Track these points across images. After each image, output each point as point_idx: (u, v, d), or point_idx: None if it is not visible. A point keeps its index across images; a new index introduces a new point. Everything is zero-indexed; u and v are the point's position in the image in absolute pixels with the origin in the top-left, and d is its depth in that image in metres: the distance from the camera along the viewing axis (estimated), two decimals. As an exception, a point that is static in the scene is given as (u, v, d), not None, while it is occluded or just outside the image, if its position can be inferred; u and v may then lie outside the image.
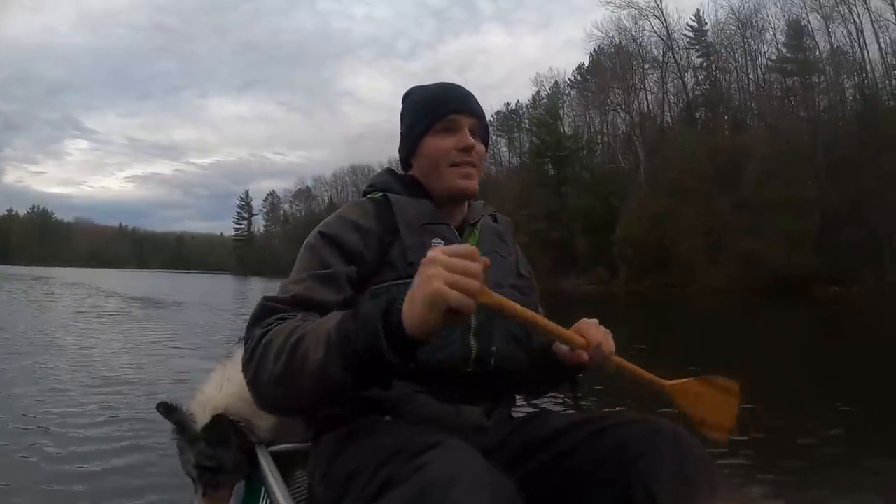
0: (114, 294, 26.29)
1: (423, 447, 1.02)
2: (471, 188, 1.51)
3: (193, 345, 9.83)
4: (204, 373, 2.22)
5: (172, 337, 10.88)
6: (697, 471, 1.04)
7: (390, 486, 1.00)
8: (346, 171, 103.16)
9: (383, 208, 1.46)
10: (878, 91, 42.01)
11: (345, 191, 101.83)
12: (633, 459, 1.10)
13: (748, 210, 36.29)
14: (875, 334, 15.04)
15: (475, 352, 1.36)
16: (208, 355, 7.85)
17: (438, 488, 0.90)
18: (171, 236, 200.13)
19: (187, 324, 13.76)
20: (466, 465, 0.96)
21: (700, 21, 52.22)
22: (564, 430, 1.26)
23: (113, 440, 4.40)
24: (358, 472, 1.13)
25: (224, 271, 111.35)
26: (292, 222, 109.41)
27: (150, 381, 6.57)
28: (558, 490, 1.19)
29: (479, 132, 1.53)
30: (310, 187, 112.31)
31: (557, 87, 62.82)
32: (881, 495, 3.60)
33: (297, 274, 1.35)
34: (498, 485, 0.96)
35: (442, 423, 1.29)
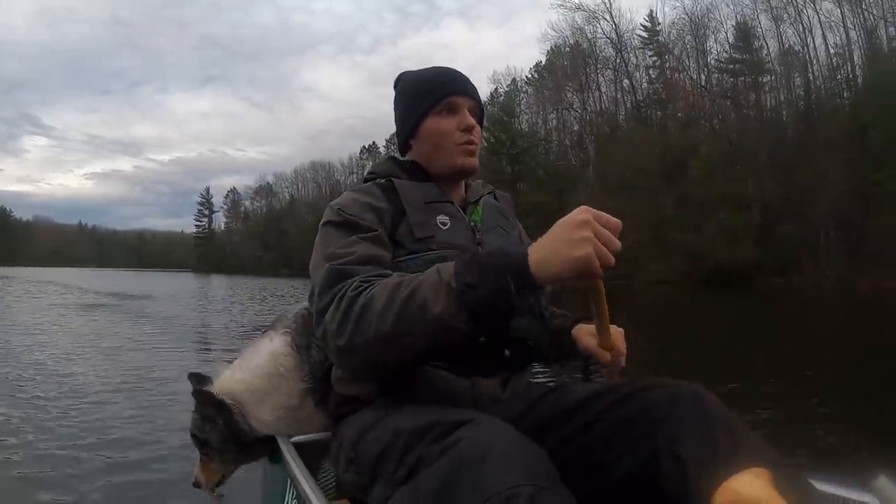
0: (98, 291, 27.11)
1: (453, 425, 1.04)
2: (474, 165, 1.57)
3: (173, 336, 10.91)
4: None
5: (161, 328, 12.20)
6: (721, 430, 1.02)
7: (422, 465, 1.03)
8: (306, 168, 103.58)
9: (389, 192, 1.49)
10: (821, 91, 43.49)
11: (306, 187, 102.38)
12: (657, 424, 1.09)
13: (692, 206, 37.75)
14: (813, 322, 16.11)
15: None
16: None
17: (471, 465, 0.91)
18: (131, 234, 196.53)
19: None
20: (498, 439, 0.96)
21: (653, 21, 53.46)
22: (586, 400, 1.24)
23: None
24: (386, 455, 1.15)
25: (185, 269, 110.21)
26: (253, 219, 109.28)
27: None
28: (583, 461, 1.17)
29: (476, 113, 1.60)
30: (270, 184, 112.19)
31: (515, 85, 63.69)
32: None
33: (337, 244, 1.35)
34: (531, 456, 0.95)
35: (458, 396, 1.31)
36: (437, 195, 1.51)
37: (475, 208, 1.58)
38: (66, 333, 10.92)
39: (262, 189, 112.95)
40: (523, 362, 1.48)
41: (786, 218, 35.39)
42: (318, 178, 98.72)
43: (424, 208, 1.46)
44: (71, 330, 11.54)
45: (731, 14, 47.60)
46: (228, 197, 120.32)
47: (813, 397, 5.92)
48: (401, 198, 1.46)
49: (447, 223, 1.46)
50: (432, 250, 1.38)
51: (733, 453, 0.97)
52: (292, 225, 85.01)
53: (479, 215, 1.56)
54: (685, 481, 0.99)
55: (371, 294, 1.18)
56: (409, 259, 1.37)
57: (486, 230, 1.51)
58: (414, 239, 1.40)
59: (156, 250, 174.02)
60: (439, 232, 1.43)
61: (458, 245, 1.41)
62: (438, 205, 1.49)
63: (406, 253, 1.38)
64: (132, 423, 4.82)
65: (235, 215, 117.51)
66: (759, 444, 1.01)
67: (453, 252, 1.35)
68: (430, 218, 1.45)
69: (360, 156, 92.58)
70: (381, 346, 1.15)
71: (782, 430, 4.87)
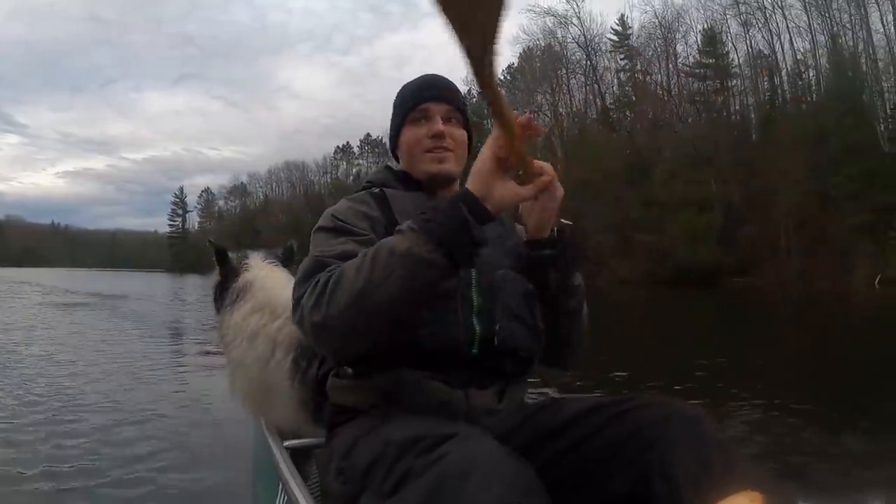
0: (81, 291, 27.21)
1: (440, 439, 1.05)
2: (444, 171, 1.55)
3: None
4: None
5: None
6: (715, 452, 1.03)
7: (408, 479, 1.03)
8: (280, 168, 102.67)
9: (381, 201, 1.51)
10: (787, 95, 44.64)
11: (280, 187, 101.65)
12: (650, 443, 1.09)
13: (656, 207, 38.69)
14: (774, 318, 16.97)
15: (479, 332, 1.36)
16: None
17: (454, 481, 0.92)
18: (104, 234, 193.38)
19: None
20: (482, 455, 0.96)
21: (624, 25, 54.21)
22: (580, 416, 1.24)
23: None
24: (375, 466, 1.15)
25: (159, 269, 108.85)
26: (227, 219, 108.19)
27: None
28: (576, 476, 1.17)
29: (455, 118, 1.58)
30: (244, 184, 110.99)
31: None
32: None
33: (327, 244, 1.39)
34: (515, 473, 0.96)
35: (452, 408, 1.31)
36: (427, 206, 1.46)
37: None
38: (64, 329, 11.84)
39: (237, 189, 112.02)
40: (518, 374, 1.47)
41: (748, 219, 36.53)
42: (292, 178, 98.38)
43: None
44: (70, 325, 12.53)
45: (700, 18, 48.60)
46: (202, 196, 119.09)
47: (771, 392, 6.22)
48: (392, 208, 1.49)
49: None
50: None
51: (726, 476, 0.98)
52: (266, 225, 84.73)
53: None
54: (678, 501, 0.99)
55: (341, 270, 1.21)
56: None
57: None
58: None
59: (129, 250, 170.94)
60: None
61: None
62: None
63: None
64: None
65: (209, 215, 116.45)
66: (752, 468, 1.02)
67: None
68: None
69: (335, 156, 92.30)
70: (357, 306, 1.16)
71: (735, 418, 5.23)
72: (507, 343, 1.38)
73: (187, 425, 4.65)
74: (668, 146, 41.46)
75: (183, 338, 11.34)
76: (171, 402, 5.47)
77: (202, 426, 4.63)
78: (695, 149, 40.65)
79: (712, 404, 5.45)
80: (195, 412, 5.08)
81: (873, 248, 31.74)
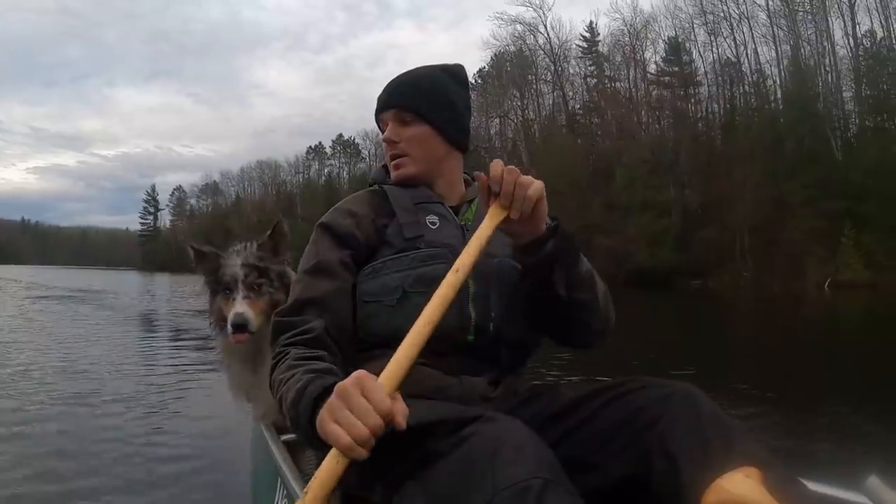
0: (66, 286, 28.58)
1: (463, 421, 1.05)
2: (402, 176, 1.57)
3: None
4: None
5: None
6: (713, 430, 1.03)
7: (430, 460, 1.03)
8: (253, 167, 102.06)
9: (380, 197, 1.55)
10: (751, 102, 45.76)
11: (252, 185, 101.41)
12: (649, 423, 1.09)
13: (617, 211, 39.75)
14: (728, 320, 17.69)
15: (474, 319, 1.37)
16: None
17: (484, 458, 0.93)
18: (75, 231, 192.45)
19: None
20: (511, 434, 0.98)
21: (593, 32, 55.15)
22: (579, 400, 1.25)
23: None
24: (389, 450, 1.08)
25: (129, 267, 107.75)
26: (199, 217, 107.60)
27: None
28: (578, 459, 1.15)
29: (408, 117, 1.57)
30: (217, 182, 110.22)
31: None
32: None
33: (298, 273, 1.49)
34: (541, 450, 0.97)
35: (447, 395, 1.32)
36: (426, 196, 1.55)
37: (469, 207, 1.58)
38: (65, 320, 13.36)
39: (208, 187, 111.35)
40: (513, 362, 1.47)
41: (705, 224, 37.57)
42: (264, 178, 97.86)
43: (413, 209, 1.50)
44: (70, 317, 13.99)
45: (669, 26, 49.52)
46: (174, 195, 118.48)
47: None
48: (391, 201, 1.52)
49: (436, 223, 1.49)
50: (420, 249, 1.42)
51: (725, 452, 0.99)
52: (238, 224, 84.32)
53: (473, 214, 1.56)
54: (677, 480, 1.00)
55: (273, 377, 1.28)
56: (398, 258, 1.42)
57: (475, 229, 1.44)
58: (403, 239, 1.44)
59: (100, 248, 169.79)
60: (428, 231, 1.46)
61: (447, 244, 1.43)
62: (428, 205, 1.53)
63: (395, 252, 1.43)
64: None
65: (181, 213, 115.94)
66: (752, 444, 1.03)
67: (441, 250, 1.41)
68: (420, 218, 1.48)
69: (307, 156, 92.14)
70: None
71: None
72: (502, 330, 1.40)
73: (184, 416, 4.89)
74: (630, 152, 42.32)
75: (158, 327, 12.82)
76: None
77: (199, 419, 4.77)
78: (654, 155, 41.66)
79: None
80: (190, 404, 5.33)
81: (825, 253, 32.61)
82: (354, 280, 1.44)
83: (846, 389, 6.48)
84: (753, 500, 0.91)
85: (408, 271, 1.38)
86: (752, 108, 45.06)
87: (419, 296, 1.28)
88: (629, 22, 51.76)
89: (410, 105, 1.57)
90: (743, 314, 19.82)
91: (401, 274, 1.39)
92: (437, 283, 1.20)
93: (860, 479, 1.05)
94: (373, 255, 1.46)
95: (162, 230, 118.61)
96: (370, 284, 1.41)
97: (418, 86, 1.58)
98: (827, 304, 23.97)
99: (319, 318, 1.36)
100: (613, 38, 53.27)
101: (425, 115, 1.56)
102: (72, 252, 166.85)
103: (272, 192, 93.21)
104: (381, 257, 1.44)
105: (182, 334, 11.24)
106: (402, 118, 1.57)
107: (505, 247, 1.41)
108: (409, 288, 1.36)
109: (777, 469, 0.98)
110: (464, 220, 1.54)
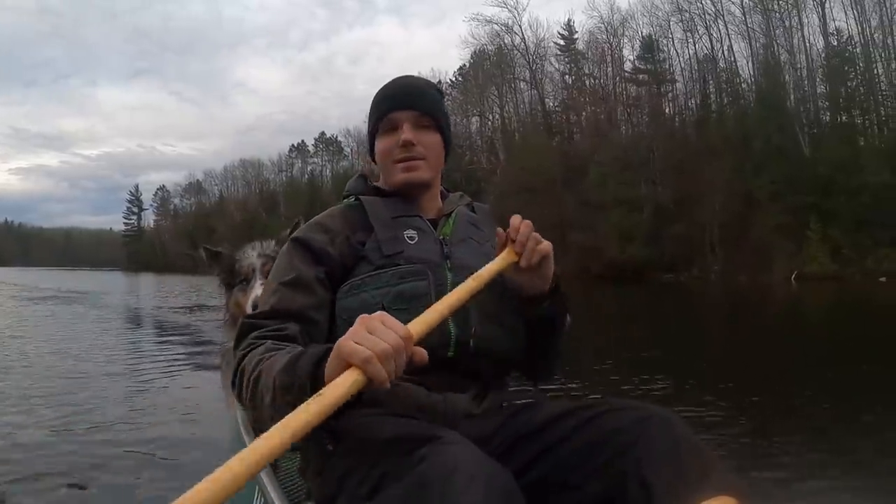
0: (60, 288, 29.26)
1: (419, 441, 1.02)
2: (414, 179, 1.52)
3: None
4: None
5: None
6: (690, 457, 1.02)
7: (387, 482, 1.01)
8: (236, 165, 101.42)
9: (356, 211, 1.51)
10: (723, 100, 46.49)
11: (235, 185, 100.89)
12: (625, 447, 1.08)
13: (590, 207, 40.39)
14: (698, 311, 18.58)
15: (455, 334, 1.35)
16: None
17: (437, 482, 0.91)
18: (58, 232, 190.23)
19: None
20: (463, 457, 0.96)
21: (570, 30, 55.60)
22: (556, 419, 1.23)
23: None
24: (353, 469, 1.13)
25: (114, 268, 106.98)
26: (182, 217, 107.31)
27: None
28: (552, 480, 1.16)
29: (426, 122, 1.54)
30: (200, 181, 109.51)
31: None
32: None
33: (270, 284, 1.44)
34: (495, 476, 0.95)
35: (430, 412, 1.30)
36: (405, 209, 1.51)
37: (447, 221, 1.55)
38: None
39: (192, 186, 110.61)
40: (496, 376, 1.46)
41: (676, 219, 38.30)
42: (247, 177, 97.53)
43: (391, 224, 1.46)
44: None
45: (647, 24, 50.03)
46: (158, 195, 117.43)
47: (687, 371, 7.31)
48: (368, 215, 1.48)
49: (415, 237, 1.46)
50: (399, 265, 1.39)
51: (702, 481, 0.98)
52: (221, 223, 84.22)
53: (451, 227, 1.54)
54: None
55: (243, 366, 1.24)
56: (377, 274, 1.38)
57: (455, 242, 1.50)
58: (382, 255, 1.40)
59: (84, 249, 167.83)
60: (407, 247, 1.43)
61: (426, 259, 1.41)
62: (406, 219, 1.49)
63: (374, 268, 1.39)
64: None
65: (165, 213, 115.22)
66: (728, 474, 1.02)
67: (420, 266, 1.39)
68: (398, 233, 1.45)
69: (290, 154, 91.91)
70: (250, 409, 1.24)
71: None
72: (483, 345, 1.37)
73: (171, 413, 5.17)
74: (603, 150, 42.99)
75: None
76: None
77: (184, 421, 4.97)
78: (625, 153, 42.40)
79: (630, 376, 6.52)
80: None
81: (792, 247, 33.42)
82: (330, 297, 1.41)
83: (803, 378, 6.98)
84: None
85: (387, 288, 1.36)
86: (724, 106, 45.90)
87: (399, 313, 1.17)
88: (606, 20, 52.24)
89: (431, 111, 1.56)
90: (709, 306, 20.59)
91: (380, 291, 1.36)
92: (417, 301, 1.29)
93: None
94: (349, 272, 1.43)
95: (146, 230, 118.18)
96: (349, 301, 1.38)
97: (430, 95, 1.59)
98: (792, 296, 24.70)
99: (295, 327, 1.34)
100: (591, 36, 53.73)
101: (440, 124, 1.58)
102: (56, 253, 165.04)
103: (255, 191, 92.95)
104: (360, 274, 1.40)
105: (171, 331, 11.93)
106: (421, 122, 1.54)
107: (482, 261, 1.38)
108: (389, 305, 1.32)
109: (754, 500, 0.98)
110: (442, 234, 1.51)
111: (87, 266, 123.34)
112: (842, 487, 3.69)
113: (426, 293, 1.33)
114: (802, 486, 3.72)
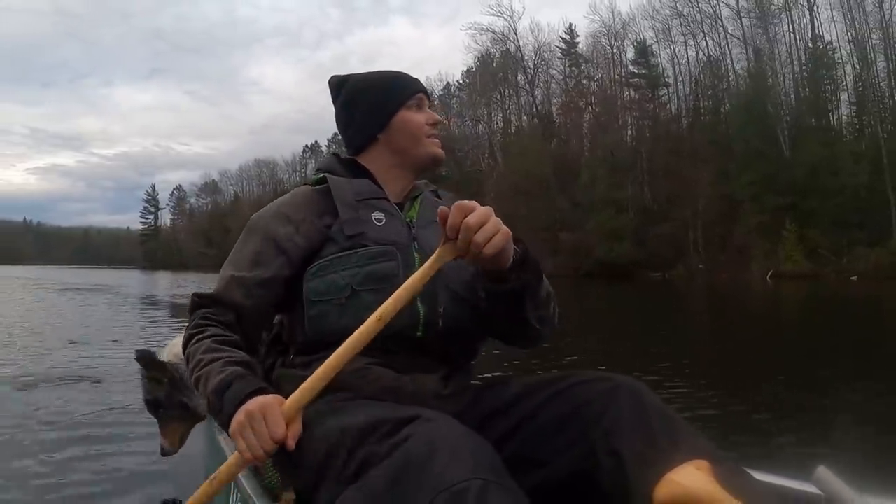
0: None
1: (401, 422, 1.03)
2: (441, 156, 1.58)
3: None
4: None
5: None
6: (660, 424, 1.02)
7: (371, 463, 1.00)
8: (251, 165, 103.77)
9: (321, 194, 1.47)
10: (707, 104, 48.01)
11: (250, 184, 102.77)
12: (594, 418, 1.07)
13: (580, 208, 42.31)
14: (684, 308, 19.66)
15: (423, 314, 1.33)
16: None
17: (420, 460, 0.91)
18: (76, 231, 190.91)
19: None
20: (446, 435, 0.96)
21: (572, 34, 57.13)
22: (524, 394, 1.23)
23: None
24: (332, 454, 1.11)
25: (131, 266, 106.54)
26: (198, 216, 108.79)
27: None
28: (524, 454, 1.15)
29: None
30: (215, 181, 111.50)
31: (448, 90, 66.31)
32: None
33: (227, 268, 1.44)
34: (479, 450, 0.95)
35: (399, 393, 1.28)
36: (372, 192, 1.47)
37: (413, 205, 1.53)
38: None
39: (208, 186, 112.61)
40: (463, 357, 1.45)
41: (662, 219, 40.12)
42: (262, 176, 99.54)
43: (356, 205, 1.43)
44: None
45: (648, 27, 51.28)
46: (174, 194, 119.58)
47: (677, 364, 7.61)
48: (333, 197, 1.44)
49: (382, 219, 1.42)
50: (367, 246, 1.35)
51: (673, 446, 0.98)
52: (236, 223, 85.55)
53: (416, 211, 1.51)
54: (625, 475, 0.99)
55: (189, 351, 1.32)
56: (345, 255, 1.35)
57: (422, 226, 1.46)
58: (346, 237, 1.37)
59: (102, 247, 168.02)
60: (372, 228, 1.39)
61: (393, 241, 1.38)
62: (374, 201, 1.45)
63: (339, 250, 1.36)
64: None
65: (181, 212, 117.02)
66: (698, 438, 1.02)
67: (389, 248, 1.36)
68: (364, 215, 1.41)
69: (303, 154, 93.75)
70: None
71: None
72: (451, 326, 1.35)
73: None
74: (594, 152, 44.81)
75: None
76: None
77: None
78: (613, 155, 44.14)
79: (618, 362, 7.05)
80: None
81: (769, 246, 34.99)
82: (293, 279, 1.39)
83: (774, 364, 7.54)
84: (706, 493, 0.91)
85: (356, 269, 1.32)
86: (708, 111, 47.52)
87: (369, 293, 1.25)
88: (607, 24, 53.32)
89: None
90: (690, 302, 21.86)
91: (349, 272, 1.32)
92: (387, 281, 1.27)
93: (809, 469, 1.09)
94: (316, 253, 1.39)
95: (162, 229, 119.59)
96: (317, 283, 1.35)
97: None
98: (767, 293, 25.94)
99: (234, 318, 1.37)
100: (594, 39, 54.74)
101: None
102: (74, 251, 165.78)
103: (270, 191, 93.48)
104: (327, 255, 1.37)
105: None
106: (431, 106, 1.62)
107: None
108: (358, 286, 1.30)
109: (726, 462, 0.98)
110: (408, 217, 1.48)
111: (104, 265, 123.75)
112: (807, 441, 4.26)
113: (395, 274, 1.30)
114: (771, 442, 4.27)
